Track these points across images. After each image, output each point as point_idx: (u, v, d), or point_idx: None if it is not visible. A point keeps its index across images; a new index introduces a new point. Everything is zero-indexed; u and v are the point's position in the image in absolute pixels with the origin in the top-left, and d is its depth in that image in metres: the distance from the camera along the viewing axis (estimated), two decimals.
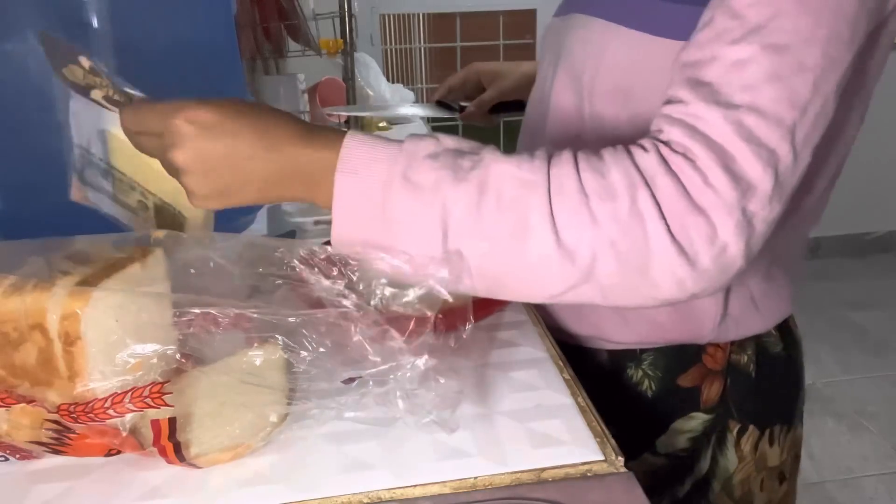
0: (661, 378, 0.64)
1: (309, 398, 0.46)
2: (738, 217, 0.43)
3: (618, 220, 0.43)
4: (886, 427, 2.07)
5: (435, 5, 3.00)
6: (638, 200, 0.43)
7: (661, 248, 0.43)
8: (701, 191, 0.42)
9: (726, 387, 0.64)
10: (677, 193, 0.43)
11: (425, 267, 0.45)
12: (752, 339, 0.65)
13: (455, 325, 0.51)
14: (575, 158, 0.45)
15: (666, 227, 0.42)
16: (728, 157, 0.43)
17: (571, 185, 0.43)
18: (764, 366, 0.65)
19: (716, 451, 0.66)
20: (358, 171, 0.44)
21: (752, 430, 0.65)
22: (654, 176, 0.43)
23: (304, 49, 1.56)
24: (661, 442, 0.65)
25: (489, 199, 0.43)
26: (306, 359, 0.45)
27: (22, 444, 0.45)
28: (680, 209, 0.42)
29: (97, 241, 0.50)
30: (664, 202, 0.43)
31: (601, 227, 0.43)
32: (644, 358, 0.65)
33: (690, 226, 0.42)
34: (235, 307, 0.44)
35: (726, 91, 0.44)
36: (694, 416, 0.65)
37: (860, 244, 3.28)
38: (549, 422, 0.49)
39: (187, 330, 0.44)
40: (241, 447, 0.46)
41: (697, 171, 0.43)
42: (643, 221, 0.42)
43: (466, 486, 0.44)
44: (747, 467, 0.66)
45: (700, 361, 0.64)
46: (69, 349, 0.42)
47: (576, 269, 0.44)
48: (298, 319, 0.45)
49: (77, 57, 0.52)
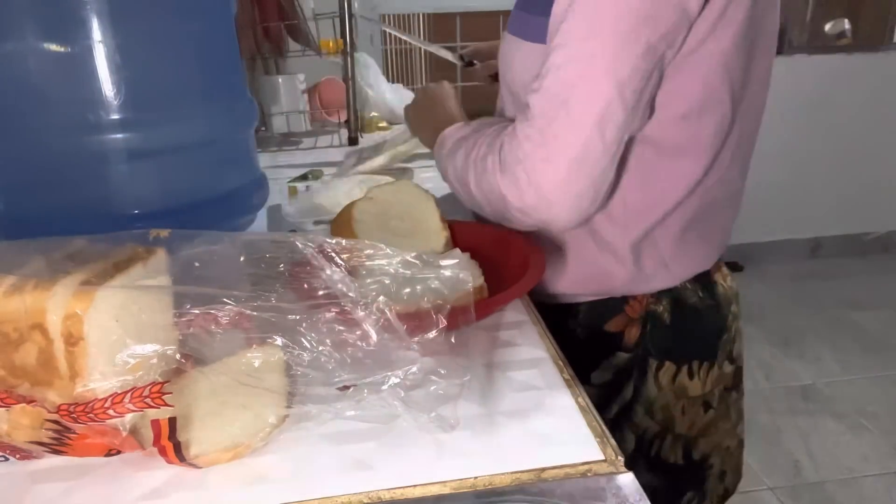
0: (592, 325, 0.80)
1: (305, 403, 0.46)
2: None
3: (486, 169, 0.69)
4: (886, 427, 2.07)
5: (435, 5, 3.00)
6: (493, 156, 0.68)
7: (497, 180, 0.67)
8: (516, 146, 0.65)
9: (645, 331, 0.79)
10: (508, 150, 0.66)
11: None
12: (667, 291, 0.79)
13: (456, 324, 0.51)
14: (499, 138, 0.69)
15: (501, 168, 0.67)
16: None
17: (478, 153, 0.71)
18: (678, 313, 0.79)
19: (637, 382, 0.81)
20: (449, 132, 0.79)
21: (668, 365, 0.80)
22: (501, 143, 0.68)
23: (304, 49, 1.57)
24: (594, 376, 0.82)
25: (470, 144, 0.73)
26: (305, 360, 0.45)
27: (22, 444, 0.45)
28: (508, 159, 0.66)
29: (97, 240, 0.50)
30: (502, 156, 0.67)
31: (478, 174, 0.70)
32: (580, 310, 0.81)
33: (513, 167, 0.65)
34: (237, 302, 0.44)
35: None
36: (618, 354, 0.80)
37: (860, 244, 3.28)
38: (549, 422, 0.49)
39: (187, 330, 0.44)
40: (241, 447, 0.46)
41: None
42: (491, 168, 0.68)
43: (466, 486, 0.44)
44: (666, 396, 0.81)
45: (622, 311, 0.79)
46: (71, 349, 0.42)
47: (468, 196, 0.74)
48: (299, 317, 0.45)
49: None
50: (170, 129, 0.72)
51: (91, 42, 0.65)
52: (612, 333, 0.80)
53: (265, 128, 1.58)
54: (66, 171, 0.69)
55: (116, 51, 0.66)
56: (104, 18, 0.65)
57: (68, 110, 0.67)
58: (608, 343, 0.80)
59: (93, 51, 0.65)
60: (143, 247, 0.49)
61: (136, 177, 0.71)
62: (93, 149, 0.68)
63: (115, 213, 0.71)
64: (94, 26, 0.65)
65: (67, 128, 0.68)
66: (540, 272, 0.65)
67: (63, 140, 0.68)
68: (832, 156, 3.07)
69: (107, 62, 0.66)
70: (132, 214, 0.71)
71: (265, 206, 0.88)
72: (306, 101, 1.61)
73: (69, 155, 0.69)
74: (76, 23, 0.65)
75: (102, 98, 0.66)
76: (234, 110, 0.81)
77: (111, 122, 0.67)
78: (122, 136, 0.68)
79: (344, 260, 0.50)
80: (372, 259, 0.52)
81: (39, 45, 0.65)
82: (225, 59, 0.80)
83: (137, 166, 0.71)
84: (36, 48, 0.65)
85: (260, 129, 1.56)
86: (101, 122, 0.67)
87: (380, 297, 0.48)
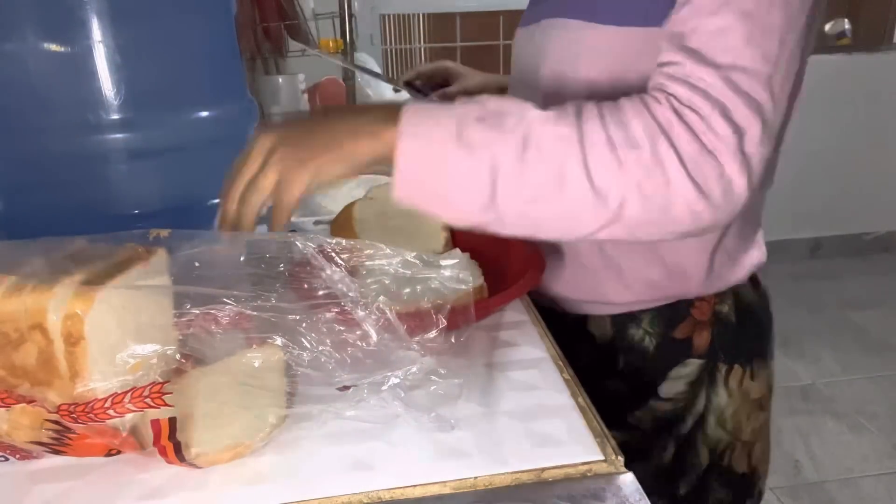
0: (659, 333, 0.73)
1: (305, 403, 0.46)
2: (739, 157, 0.51)
3: (642, 165, 0.50)
4: (886, 427, 2.07)
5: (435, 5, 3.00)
6: (659, 147, 0.50)
7: (680, 186, 0.50)
8: (709, 136, 0.50)
9: (713, 334, 0.73)
10: (691, 140, 0.50)
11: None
12: (730, 291, 0.74)
13: (457, 324, 0.51)
14: (600, 112, 0.52)
15: (685, 168, 0.50)
16: (725, 108, 0.51)
17: (600, 136, 0.51)
18: (741, 313, 0.75)
19: (709, 390, 0.75)
20: (419, 134, 0.52)
21: (736, 368, 0.75)
22: (670, 125, 0.51)
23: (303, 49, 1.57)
24: (663, 389, 0.75)
25: (531, 153, 0.51)
26: (305, 360, 0.45)
27: (22, 444, 0.45)
28: (694, 153, 0.50)
29: (97, 241, 0.50)
30: (681, 147, 0.50)
31: (628, 172, 0.50)
32: (643, 318, 0.74)
33: (703, 166, 0.50)
34: (237, 302, 0.44)
35: (711, 55, 0.52)
36: (688, 362, 0.74)
37: (860, 244, 3.28)
38: (549, 422, 0.49)
39: (187, 330, 0.44)
40: (241, 447, 0.46)
41: (703, 120, 0.51)
42: (664, 165, 0.50)
43: (466, 486, 0.44)
44: (735, 401, 0.75)
45: (690, 315, 0.73)
46: (72, 349, 0.42)
47: (607, 210, 0.51)
48: (299, 317, 0.45)
49: None
50: (170, 129, 0.72)
51: (91, 42, 0.65)
52: (681, 340, 0.74)
53: None
54: (66, 171, 0.69)
55: (116, 51, 0.66)
56: (104, 18, 0.65)
57: (68, 110, 0.67)
58: (677, 351, 0.74)
59: (93, 51, 0.65)
60: (144, 247, 0.49)
61: (136, 177, 0.71)
62: (93, 149, 0.68)
63: (115, 213, 0.71)
64: (94, 26, 0.65)
65: (67, 128, 0.68)
66: (540, 272, 0.65)
67: (63, 140, 0.68)
68: (832, 156, 3.07)
69: (107, 62, 0.66)
70: (132, 214, 0.71)
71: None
72: (306, 101, 1.62)
73: (69, 155, 0.69)
74: (76, 23, 0.65)
75: (102, 98, 0.66)
76: (234, 110, 0.81)
77: (111, 122, 0.67)
78: (122, 136, 0.68)
79: (344, 260, 0.50)
80: (372, 259, 0.52)
81: (39, 45, 0.65)
82: (225, 59, 0.80)
83: (137, 166, 0.71)
84: (36, 48, 0.65)
85: None
86: (101, 122, 0.67)
87: (380, 297, 0.48)
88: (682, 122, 0.51)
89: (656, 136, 0.50)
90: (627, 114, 0.51)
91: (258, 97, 1.53)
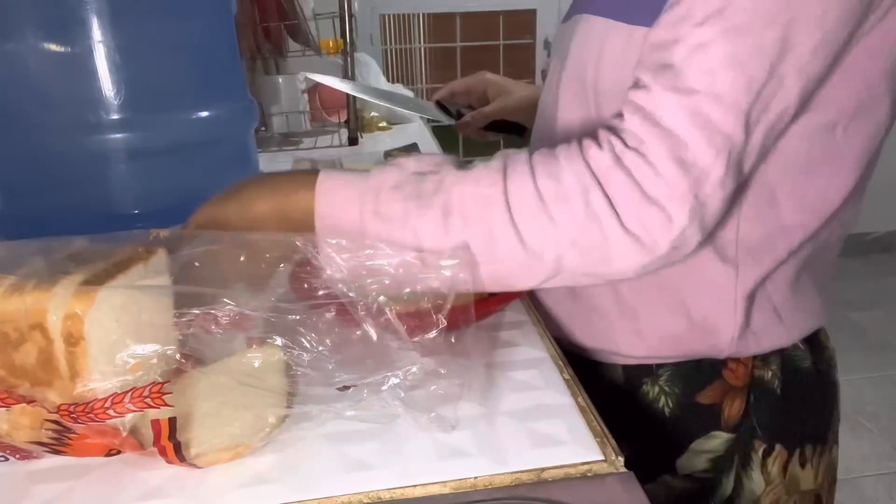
0: (679, 395, 0.61)
1: (305, 403, 0.46)
2: (691, 203, 0.45)
3: (574, 221, 0.46)
4: (886, 427, 2.07)
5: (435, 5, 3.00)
6: (591, 201, 0.46)
7: (618, 242, 0.46)
8: (653, 183, 0.45)
9: (749, 404, 0.61)
10: (630, 189, 0.45)
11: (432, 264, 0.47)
12: (777, 352, 0.61)
13: (457, 324, 0.51)
14: (531, 164, 0.48)
15: (620, 222, 0.45)
16: (681, 145, 0.45)
17: (528, 192, 0.47)
18: (791, 382, 0.61)
19: (740, 472, 0.62)
20: (335, 216, 0.50)
21: (779, 450, 0.62)
22: (608, 174, 0.46)
23: (304, 49, 1.57)
24: (681, 463, 0.63)
25: (455, 220, 0.47)
26: (305, 360, 0.45)
27: (22, 444, 0.45)
28: (633, 204, 0.45)
29: (97, 240, 0.50)
30: (617, 199, 0.45)
31: (561, 229, 0.46)
32: (660, 373, 0.62)
33: (645, 217, 0.45)
34: (236, 303, 0.44)
35: (686, 75, 0.45)
36: (714, 435, 0.61)
37: (860, 244, 3.28)
38: (549, 422, 0.49)
39: (187, 330, 0.44)
40: (241, 447, 0.46)
41: (649, 164, 0.45)
42: (598, 220, 0.46)
43: (466, 486, 0.44)
44: (776, 490, 0.62)
45: (720, 377, 0.61)
46: (72, 349, 0.42)
47: (544, 267, 0.48)
48: (299, 317, 0.45)
49: None
50: (170, 129, 0.72)
51: (91, 42, 0.65)
52: (706, 406, 0.61)
53: (265, 128, 1.58)
54: (66, 171, 0.70)
55: (116, 51, 0.66)
56: (104, 18, 0.65)
57: (68, 110, 0.67)
58: (701, 419, 0.62)
59: (93, 51, 0.65)
60: (144, 247, 0.49)
61: (136, 177, 0.71)
62: (93, 149, 0.68)
63: (115, 213, 0.71)
64: (94, 26, 0.65)
65: (68, 128, 0.68)
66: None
67: (63, 140, 0.68)
68: None
69: (107, 62, 0.66)
70: (132, 214, 0.71)
71: None
72: (306, 101, 1.62)
73: (69, 155, 0.69)
74: (76, 23, 0.65)
75: (102, 98, 0.66)
76: (234, 110, 0.81)
77: (111, 122, 0.67)
78: (122, 136, 0.68)
79: (344, 260, 0.50)
80: (372, 259, 0.52)
81: (39, 45, 0.65)
82: (225, 59, 0.80)
83: (137, 166, 0.71)
84: (36, 48, 0.65)
85: (260, 129, 1.56)
86: (101, 122, 0.67)
87: (380, 297, 0.48)
88: (621, 167, 0.45)
89: (589, 186, 0.46)
90: (560, 163, 0.47)
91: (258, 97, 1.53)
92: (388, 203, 0.49)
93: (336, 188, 0.50)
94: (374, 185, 0.49)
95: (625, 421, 0.54)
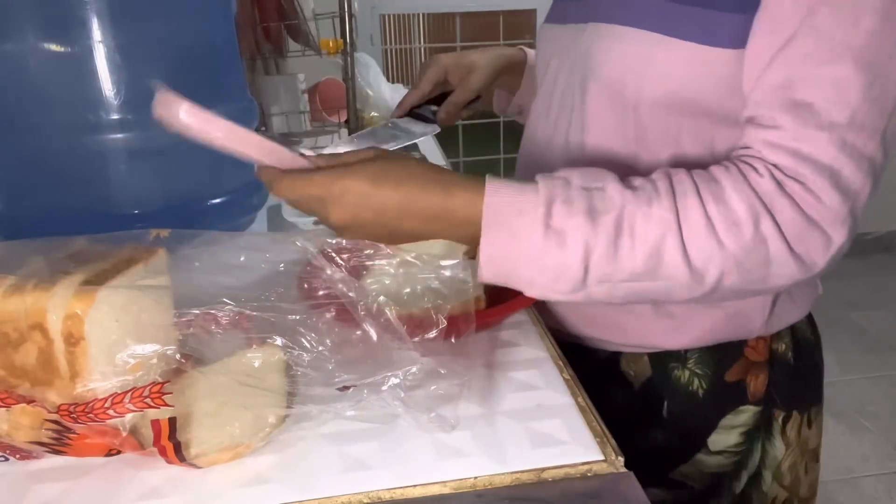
0: (710, 376, 0.65)
1: (305, 403, 0.46)
2: (850, 224, 0.49)
3: (743, 245, 0.48)
4: (886, 427, 2.07)
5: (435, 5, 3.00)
6: (761, 225, 0.48)
7: (782, 263, 0.49)
8: (815, 209, 0.48)
9: (771, 377, 0.65)
10: (795, 215, 0.48)
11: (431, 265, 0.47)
12: (788, 328, 0.67)
13: (459, 332, 0.51)
14: (696, 186, 0.49)
15: (787, 245, 0.48)
16: (835, 174, 0.48)
17: (697, 216, 0.48)
18: (799, 352, 0.67)
19: (764, 441, 0.66)
20: (503, 223, 0.49)
21: (795, 415, 0.67)
22: (773, 200, 0.48)
23: (304, 49, 1.57)
24: (714, 440, 0.66)
25: (625, 239, 0.48)
26: (305, 360, 0.45)
27: (22, 444, 0.45)
28: (799, 228, 0.48)
29: (98, 241, 0.50)
30: (784, 224, 0.48)
31: (727, 251, 0.48)
32: (689, 357, 0.65)
33: (808, 240, 0.49)
34: (237, 302, 0.44)
35: (827, 111, 0.48)
36: (743, 409, 0.65)
37: (860, 244, 3.26)
38: (549, 422, 0.49)
39: (187, 330, 0.44)
40: (240, 447, 0.46)
41: (810, 192, 0.48)
42: (766, 243, 0.48)
43: (466, 486, 0.44)
44: (794, 453, 0.67)
45: (743, 355, 0.65)
46: (72, 349, 0.42)
47: (703, 287, 0.50)
48: (299, 318, 0.45)
49: None
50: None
51: (91, 42, 0.65)
52: (734, 384, 0.65)
53: (265, 128, 1.58)
54: (65, 171, 0.69)
55: (116, 51, 0.66)
56: (104, 18, 0.65)
57: (68, 110, 0.67)
58: (730, 396, 0.65)
59: (93, 51, 0.65)
60: (144, 247, 0.49)
61: (136, 177, 0.71)
62: (93, 149, 0.68)
63: (115, 213, 0.71)
64: (94, 26, 0.65)
65: (67, 128, 0.68)
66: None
67: (63, 140, 0.68)
68: None
69: (107, 62, 0.66)
70: (132, 214, 0.71)
71: (265, 206, 0.88)
72: (306, 101, 1.62)
73: (69, 155, 0.69)
74: (76, 23, 0.65)
75: (102, 98, 0.66)
76: (233, 110, 0.81)
77: (111, 122, 0.67)
78: (122, 136, 0.68)
79: (344, 260, 0.50)
80: (372, 259, 0.52)
81: (39, 45, 0.65)
82: (225, 59, 0.80)
83: (137, 166, 0.71)
84: (36, 48, 0.65)
85: (260, 129, 1.56)
86: (101, 122, 0.67)
87: (380, 297, 0.48)
88: (784, 195, 0.48)
89: (759, 213, 0.48)
90: (726, 189, 0.49)
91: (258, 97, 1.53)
92: (560, 217, 0.49)
93: (505, 196, 0.50)
94: (545, 196, 0.49)
95: (656, 407, 0.58)
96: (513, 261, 0.49)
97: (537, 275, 0.49)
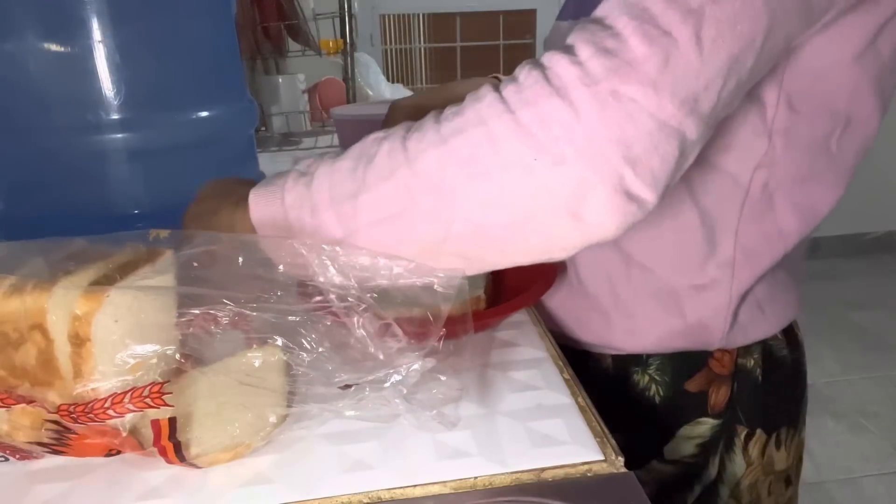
0: (669, 383, 0.64)
1: (306, 402, 0.46)
2: (602, 90, 0.37)
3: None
4: (886, 427, 2.07)
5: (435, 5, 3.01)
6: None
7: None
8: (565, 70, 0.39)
9: (733, 391, 0.64)
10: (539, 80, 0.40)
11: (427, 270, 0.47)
12: (759, 343, 0.64)
13: (456, 334, 0.51)
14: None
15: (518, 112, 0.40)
16: (610, 35, 0.38)
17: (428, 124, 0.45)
18: (770, 370, 0.65)
19: (724, 456, 0.65)
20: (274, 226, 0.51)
21: (759, 434, 0.65)
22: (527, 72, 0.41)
23: (304, 49, 1.57)
24: (669, 448, 0.65)
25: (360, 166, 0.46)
26: (306, 360, 0.45)
27: (22, 445, 0.45)
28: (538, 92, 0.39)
29: (98, 241, 0.50)
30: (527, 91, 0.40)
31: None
32: (650, 363, 0.65)
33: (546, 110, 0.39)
34: (237, 303, 0.44)
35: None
36: (702, 421, 0.64)
37: (860, 244, 3.28)
38: (549, 422, 0.49)
39: (187, 330, 0.44)
40: (241, 447, 0.46)
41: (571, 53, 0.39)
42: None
43: (466, 486, 0.44)
44: (755, 472, 0.66)
45: (706, 366, 0.64)
46: (78, 350, 0.42)
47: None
48: (299, 319, 0.45)
49: None
50: (170, 129, 0.72)
51: (91, 42, 0.65)
52: (694, 394, 0.64)
53: (265, 128, 1.58)
54: (65, 171, 0.70)
55: (116, 51, 0.66)
56: (104, 18, 0.65)
57: (68, 110, 0.67)
58: (689, 406, 0.64)
59: (93, 51, 0.65)
60: (148, 247, 0.49)
61: (136, 177, 0.71)
62: (92, 149, 0.68)
63: (114, 213, 0.71)
64: (94, 26, 0.65)
65: (67, 128, 0.68)
66: (548, 284, 0.62)
67: (63, 140, 0.68)
68: None
69: (107, 62, 0.66)
70: (132, 214, 0.71)
71: None
72: (306, 101, 1.62)
73: (69, 155, 0.69)
74: (76, 23, 0.65)
75: (102, 98, 0.66)
76: (233, 110, 0.81)
77: (111, 122, 0.67)
78: (122, 136, 0.68)
79: (343, 262, 0.50)
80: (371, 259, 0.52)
81: (39, 45, 0.65)
82: (225, 59, 0.80)
83: (137, 166, 0.71)
84: (36, 48, 0.65)
85: (260, 129, 1.56)
86: (100, 122, 0.67)
87: (378, 299, 0.48)
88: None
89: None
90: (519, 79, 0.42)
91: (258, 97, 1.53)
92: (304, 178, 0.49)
93: (261, 193, 0.51)
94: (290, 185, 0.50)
95: (613, 408, 0.54)
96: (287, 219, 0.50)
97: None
